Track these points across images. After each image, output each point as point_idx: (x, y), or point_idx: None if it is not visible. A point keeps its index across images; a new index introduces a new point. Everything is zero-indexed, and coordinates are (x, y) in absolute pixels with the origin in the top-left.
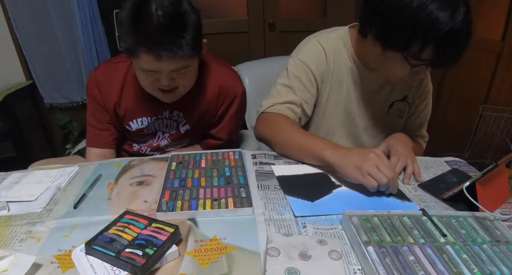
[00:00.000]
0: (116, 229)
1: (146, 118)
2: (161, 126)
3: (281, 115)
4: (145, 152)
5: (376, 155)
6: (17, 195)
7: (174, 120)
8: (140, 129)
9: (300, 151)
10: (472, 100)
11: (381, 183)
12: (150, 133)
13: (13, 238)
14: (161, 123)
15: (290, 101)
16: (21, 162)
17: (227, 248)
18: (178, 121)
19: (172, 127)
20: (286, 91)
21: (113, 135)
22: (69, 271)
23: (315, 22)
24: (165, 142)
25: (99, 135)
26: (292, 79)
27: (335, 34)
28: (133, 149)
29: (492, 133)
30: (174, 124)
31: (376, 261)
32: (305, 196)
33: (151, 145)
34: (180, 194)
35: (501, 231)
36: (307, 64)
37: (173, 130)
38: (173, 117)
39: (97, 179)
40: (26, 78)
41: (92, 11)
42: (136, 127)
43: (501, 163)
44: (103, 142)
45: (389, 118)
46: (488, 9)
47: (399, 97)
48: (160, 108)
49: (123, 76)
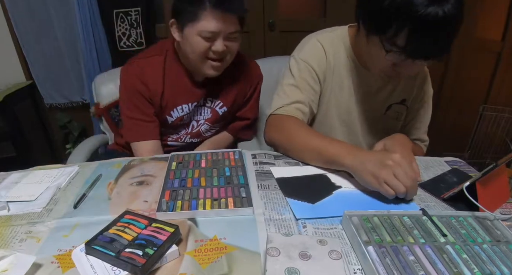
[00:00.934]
0: (116, 229)
1: (186, 105)
2: (196, 115)
3: (291, 118)
4: (184, 140)
5: (394, 162)
6: (17, 195)
7: (208, 107)
8: (180, 117)
9: (317, 156)
10: (472, 100)
11: (398, 192)
12: (185, 123)
13: (13, 238)
14: (196, 111)
15: (298, 100)
16: (21, 162)
17: (227, 248)
18: (213, 106)
19: (206, 112)
20: (293, 90)
21: (158, 126)
22: (69, 271)
23: (315, 22)
24: (205, 127)
25: (147, 127)
26: (297, 79)
27: (335, 34)
28: (172, 140)
29: (492, 133)
30: (208, 110)
31: (376, 261)
32: (306, 198)
33: (190, 133)
34: (180, 194)
35: (501, 231)
36: (309, 62)
37: (208, 114)
38: (207, 103)
39: (97, 179)
40: (26, 78)
41: (92, 11)
42: (177, 115)
43: (501, 163)
44: (153, 134)
45: (386, 120)
46: (488, 9)
47: (397, 100)
48: (198, 95)
49: (162, 68)
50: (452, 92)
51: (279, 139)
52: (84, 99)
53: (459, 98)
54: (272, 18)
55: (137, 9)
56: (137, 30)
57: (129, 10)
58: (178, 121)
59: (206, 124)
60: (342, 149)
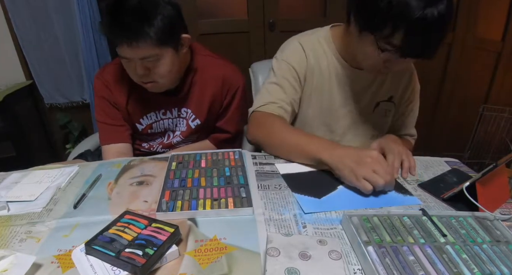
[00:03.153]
0: (116, 229)
1: (154, 113)
2: (171, 126)
3: (273, 115)
4: (156, 150)
5: (373, 158)
6: (17, 195)
7: (183, 118)
8: (150, 125)
9: (296, 152)
10: (472, 100)
11: (377, 186)
12: (159, 133)
13: (13, 238)
14: (171, 123)
15: (281, 99)
16: (21, 162)
17: (227, 248)
18: (187, 118)
19: (181, 124)
20: (275, 89)
21: (128, 130)
22: (69, 271)
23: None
24: (178, 139)
25: (115, 131)
26: (279, 78)
27: (315, 36)
28: (144, 147)
29: (492, 133)
30: (184, 121)
31: (376, 261)
32: (312, 193)
33: (162, 143)
34: (180, 194)
35: (501, 231)
36: (291, 63)
37: (183, 127)
38: (182, 114)
39: (97, 179)
40: (26, 78)
41: (92, 11)
42: (146, 122)
43: (501, 163)
44: (119, 137)
45: (375, 117)
46: (488, 9)
47: (385, 98)
48: (168, 104)
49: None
50: (452, 92)
51: (261, 136)
52: (84, 99)
53: (459, 98)
54: (272, 18)
55: None
56: None
57: None
58: (148, 129)
59: (179, 137)
60: (321, 145)
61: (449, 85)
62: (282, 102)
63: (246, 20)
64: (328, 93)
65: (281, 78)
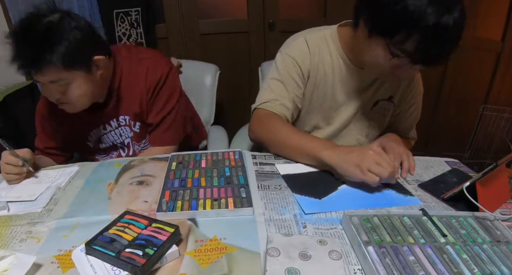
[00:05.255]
0: (116, 229)
1: (96, 130)
2: (116, 137)
3: (276, 115)
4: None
5: (374, 152)
6: (17, 195)
7: (124, 126)
8: (97, 141)
9: (298, 152)
10: (472, 100)
11: (382, 177)
12: (110, 147)
13: (13, 238)
14: (114, 135)
15: (283, 96)
16: None
17: (227, 248)
18: (129, 124)
19: (127, 132)
20: (278, 86)
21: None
22: (69, 271)
23: (315, 22)
24: (136, 147)
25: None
26: (283, 74)
27: (322, 33)
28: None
29: (492, 133)
30: (127, 128)
31: (376, 261)
32: (312, 194)
33: (128, 155)
34: (180, 194)
35: (501, 231)
36: (295, 58)
37: (130, 133)
38: (121, 123)
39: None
40: (26, 78)
41: (92, 11)
42: (93, 140)
43: (501, 163)
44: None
45: (372, 115)
46: (488, 9)
47: (384, 96)
48: (102, 118)
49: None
50: (452, 92)
51: (262, 135)
52: None
53: (459, 98)
54: (272, 18)
55: (137, 9)
56: (137, 30)
57: (129, 10)
58: (99, 144)
59: (135, 144)
60: (322, 145)
61: (449, 85)
62: (284, 99)
63: (246, 20)
64: (330, 90)
65: (284, 74)
